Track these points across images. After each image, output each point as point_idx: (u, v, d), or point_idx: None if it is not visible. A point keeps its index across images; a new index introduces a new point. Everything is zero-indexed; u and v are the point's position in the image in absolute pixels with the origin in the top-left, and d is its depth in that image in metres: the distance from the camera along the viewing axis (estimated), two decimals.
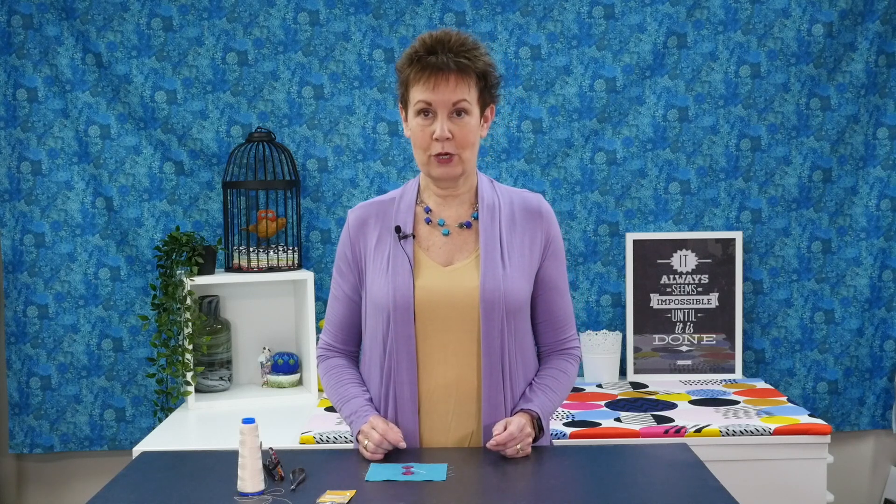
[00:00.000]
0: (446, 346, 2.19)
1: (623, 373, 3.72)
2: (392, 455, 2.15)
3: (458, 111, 2.14)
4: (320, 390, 3.52)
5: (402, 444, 2.14)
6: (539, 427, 2.22)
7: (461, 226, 2.25)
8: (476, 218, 2.25)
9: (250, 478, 1.96)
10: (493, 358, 2.18)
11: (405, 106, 2.21)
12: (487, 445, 2.13)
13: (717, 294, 3.65)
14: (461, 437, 2.22)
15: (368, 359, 2.28)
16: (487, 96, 2.21)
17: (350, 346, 2.35)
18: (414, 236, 2.24)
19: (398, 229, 2.22)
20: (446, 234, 2.25)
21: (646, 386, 3.54)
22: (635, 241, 3.65)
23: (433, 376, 2.19)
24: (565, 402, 3.30)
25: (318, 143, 3.68)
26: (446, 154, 2.15)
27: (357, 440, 2.21)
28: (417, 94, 2.14)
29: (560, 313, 2.30)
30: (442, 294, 2.18)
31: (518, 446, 2.13)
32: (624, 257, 3.70)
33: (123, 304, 3.67)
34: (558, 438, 2.92)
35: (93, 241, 3.65)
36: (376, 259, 2.23)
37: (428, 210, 2.26)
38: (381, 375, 2.22)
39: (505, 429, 2.13)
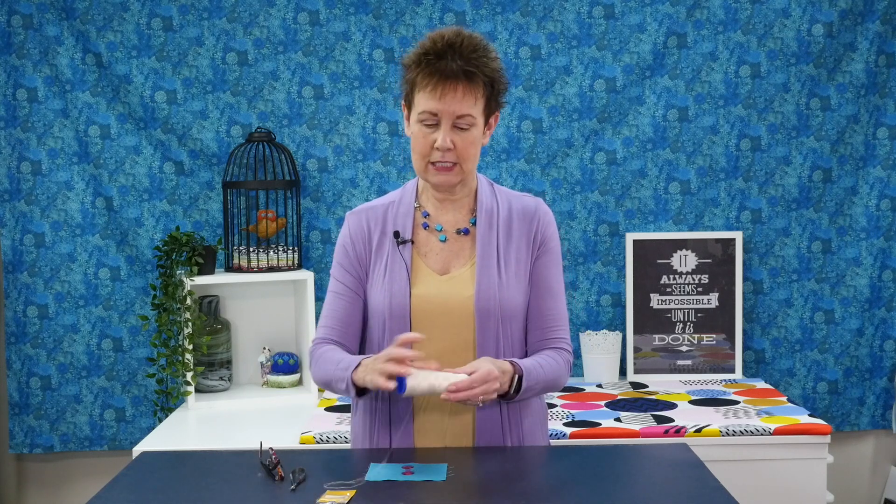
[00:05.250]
0: (442, 354, 2.16)
1: (623, 373, 3.72)
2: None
3: (462, 123, 2.11)
4: (321, 391, 3.51)
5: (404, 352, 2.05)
6: (518, 388, 2.12)
7: (458, 232, 2.24)
8: (474, 224, 2.25)
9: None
10: None
11: (409, 105, 2.18)
12: (442, 396, 2.01)
13: (717, 294, 3.65)
14: (455, 444, 2.20)
15: None
16: (493, 104, 2.17)
17: (347, 343, 2.25)
18: (412, 242, 2.23)
19: (397, 234, 2.22)
20: (443, 241, 2.24)
21: (646, 386, 3.54)
22: (635, 241, 3.65)
23: None
24: (565, 402, 3.30)
25: (318, 143, 3.68)
26: (446, 163, 2.14)
27: (354, 383, 2.10)
28: (423, 102, 2.11)
29: (549, 313, 2.22)
30: (438, 303, 2.17)
31: (480, 397, 2.03)
32: (624, 257, 3.70)
33: (123, 304, 3.67)
34: (558, 438, 2.92)
35: (93, 241, 3.65)
36: (376, 264, 2.23)
37: (426, 214, 2.25)
38: None
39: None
